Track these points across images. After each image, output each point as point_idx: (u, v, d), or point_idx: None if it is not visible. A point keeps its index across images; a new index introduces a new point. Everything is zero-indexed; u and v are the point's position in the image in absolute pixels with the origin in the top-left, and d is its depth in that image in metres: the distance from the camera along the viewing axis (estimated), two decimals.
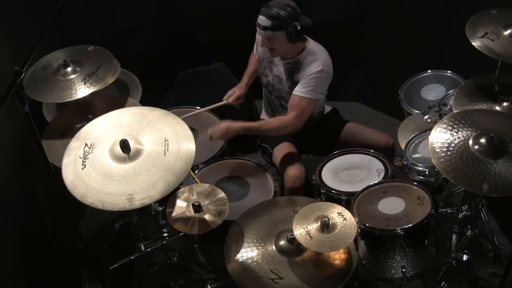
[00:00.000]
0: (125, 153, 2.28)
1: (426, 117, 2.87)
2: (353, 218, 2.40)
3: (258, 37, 3.06)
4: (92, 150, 2.33)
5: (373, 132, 3.10)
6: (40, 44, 2.09)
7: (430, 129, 2.48)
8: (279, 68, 2.98)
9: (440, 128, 2.43)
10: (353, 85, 2.99)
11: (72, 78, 2.70)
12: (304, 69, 2.86)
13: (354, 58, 3.18)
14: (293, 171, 2.88)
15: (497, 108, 2.67)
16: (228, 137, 2.98)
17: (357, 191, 2.68)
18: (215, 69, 3.77)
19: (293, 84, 2.92)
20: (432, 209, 2.52)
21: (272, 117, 3.18)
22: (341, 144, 3.08)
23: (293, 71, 2.92)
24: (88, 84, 2.67)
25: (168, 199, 2.51)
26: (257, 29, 2.82)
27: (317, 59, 2.84)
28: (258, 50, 3.10)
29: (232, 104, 3.24)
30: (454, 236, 2.89)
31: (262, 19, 2.75)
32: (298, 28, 2.74)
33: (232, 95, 3.24)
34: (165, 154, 2.29)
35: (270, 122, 3.05)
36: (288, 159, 2.96)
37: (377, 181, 2.73)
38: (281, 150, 3.02)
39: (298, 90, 2.86)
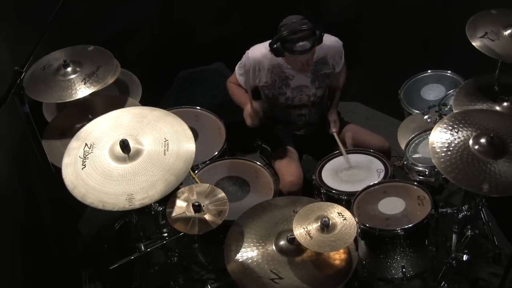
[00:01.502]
0: (125, 153, 2.29)
1: (426, 117, 2.87)
2: (353, 218, 2.40)
3: (247, 72, 2.96)
4: (92, 150, 2.33)
5: (369, 135, 3.09)
6: (40, 44, 2.09)
7: (430, 129, 2.48)
8: (300, 76, 2.96)
9: (440, 128, 2.43)
10: (353, 85, 3.00)
11: (72, 78, 2.70)
12: (333, 55, 2.97)
13: (353, 58, 3.18)
14: (290, 177, 2.88)
15: (497, 108, 2.67)
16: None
17: (357, 191, 2.68)
18: (215, 69, 3.76)
19: (324, 77, 2.99)
20: (432, 209, 2.52)
21: (281, 126, 3.16)
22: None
23: (320, 66, 2.97)
24: (88, 84, 2.67)
25: (168, 199, 2.51)
26: (298, 55, 2.76)
27: (329, 38, 2.93)
28: (261, 79, 2.97)
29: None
30: (454, 236, 2.90)
31: (302, 45, 2.71)
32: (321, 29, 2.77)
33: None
34: (165, 154, 2.29)
35: (340, 84, 3.16)
36: (286, 164, 2.96)
37: (377, 181, 2.73)
38: (280, 154, 3.02)
39: (340, 66, 3.06)
